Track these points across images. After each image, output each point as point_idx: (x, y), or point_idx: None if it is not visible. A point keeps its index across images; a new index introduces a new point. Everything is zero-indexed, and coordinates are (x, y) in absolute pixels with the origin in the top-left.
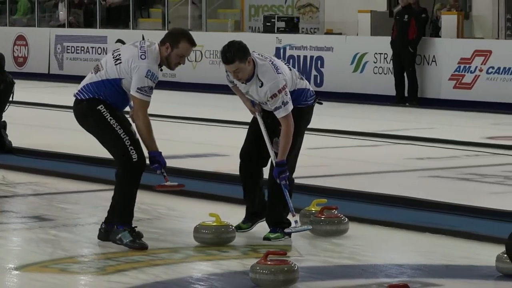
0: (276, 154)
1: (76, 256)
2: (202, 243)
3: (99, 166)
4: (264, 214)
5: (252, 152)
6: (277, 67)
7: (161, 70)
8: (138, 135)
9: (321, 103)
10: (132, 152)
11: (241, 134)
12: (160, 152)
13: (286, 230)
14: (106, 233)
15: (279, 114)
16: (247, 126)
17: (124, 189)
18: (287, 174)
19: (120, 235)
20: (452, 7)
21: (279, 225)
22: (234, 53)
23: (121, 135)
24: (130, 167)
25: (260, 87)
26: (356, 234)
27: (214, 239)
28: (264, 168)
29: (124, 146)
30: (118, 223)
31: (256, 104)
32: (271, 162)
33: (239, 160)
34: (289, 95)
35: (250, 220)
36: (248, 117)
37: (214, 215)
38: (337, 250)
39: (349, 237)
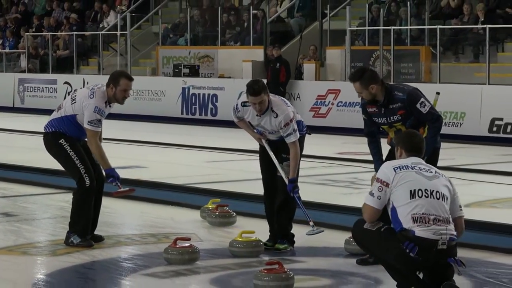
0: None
1: (34, 242)
2: (236, 255)
3: (51, 175)
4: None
5: (273, 181)
6: (285, 101)
7: (110, 106)
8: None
9: (310, 134)
10: (86, 178)
11: (154, 151)
12: (113, 168)
13: (308, 233)
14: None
15: (290, 140)
16: (162, 146)
17: (77, 206)
18: (299, 188)
19: (71, 238)
20: (311, 58)
21: (286, 237)
22: (261, 87)
23: (78, 164)
24: (85, 190)
25: (275, 117)
26: (242, 224)
27: (245, 253)
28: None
29: (80, 174)
30: (70, 231)
31: (262, 135)
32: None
33: (156, 171)
34: (296, 124)
35: (273, 240)
36: (151, 138)
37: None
38: (228, 236)
39: (237, 227)
